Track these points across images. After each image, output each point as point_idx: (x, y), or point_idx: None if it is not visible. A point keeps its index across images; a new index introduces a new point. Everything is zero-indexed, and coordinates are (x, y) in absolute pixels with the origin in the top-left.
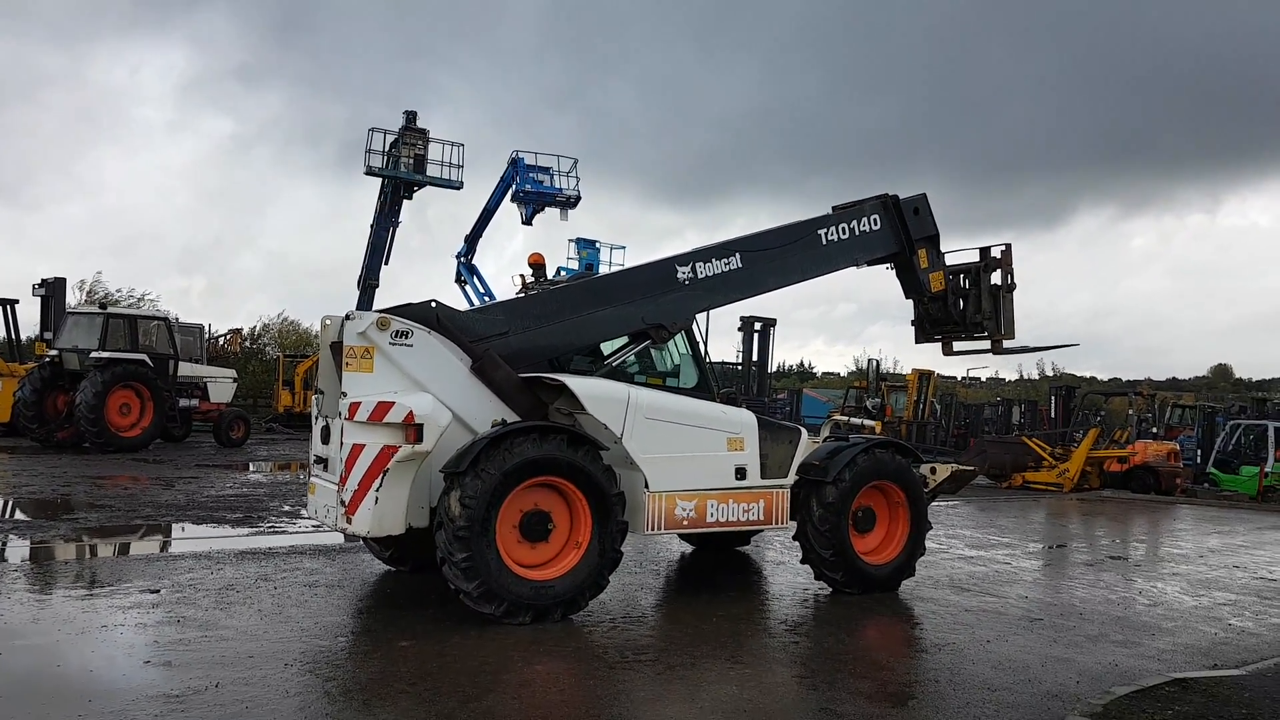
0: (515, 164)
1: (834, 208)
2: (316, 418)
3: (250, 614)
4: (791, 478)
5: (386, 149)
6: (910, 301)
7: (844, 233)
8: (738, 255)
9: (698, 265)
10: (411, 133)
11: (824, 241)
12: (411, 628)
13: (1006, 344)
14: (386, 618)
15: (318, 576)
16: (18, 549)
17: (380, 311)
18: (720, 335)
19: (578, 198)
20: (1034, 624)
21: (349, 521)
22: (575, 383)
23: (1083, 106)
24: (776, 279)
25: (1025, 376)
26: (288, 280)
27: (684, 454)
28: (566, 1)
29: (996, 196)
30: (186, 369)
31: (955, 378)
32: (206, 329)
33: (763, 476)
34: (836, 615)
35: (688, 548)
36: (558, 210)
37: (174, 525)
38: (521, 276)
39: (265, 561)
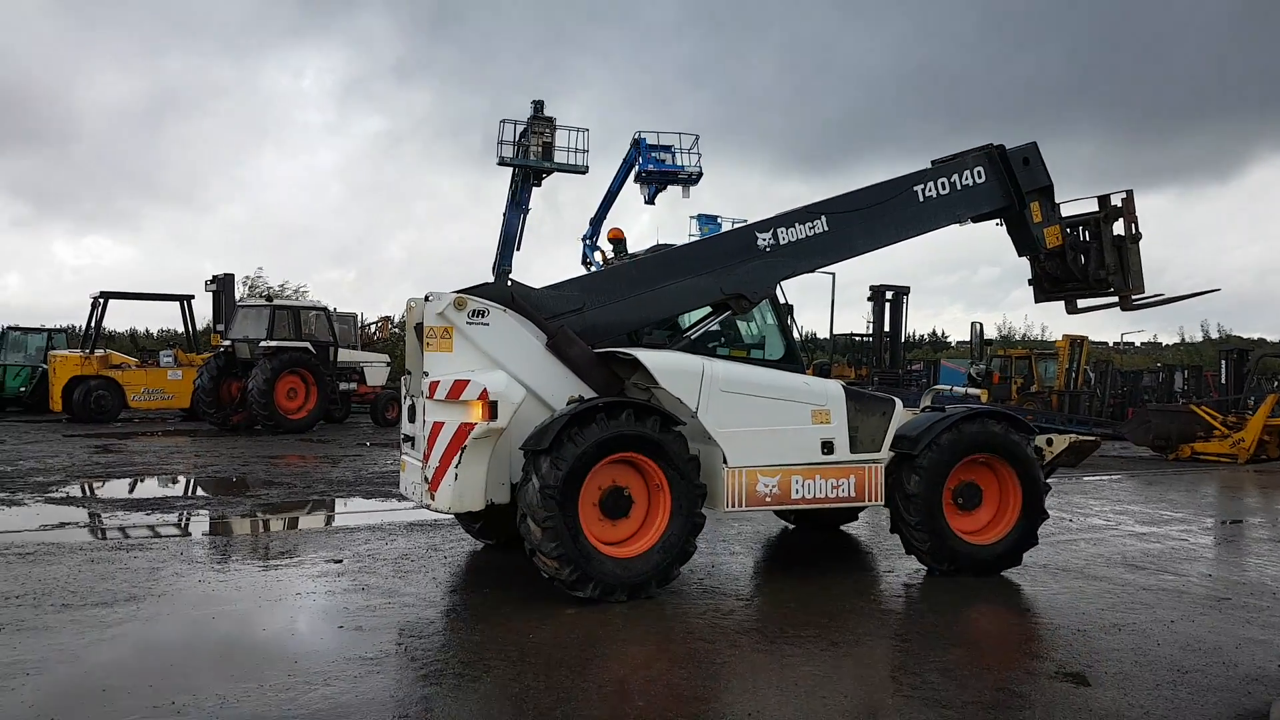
0: (638, 144)
1: (933, 161)
2: (405, 397)
3: (426, 581)
4: (885, 452)
5: (516, 139)
6: (1026, 260)
7: (944, 188)
8: (824, 218)
9: (779, 231)
10: (539, 121)
11: (921, 198)
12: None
13: (1136, 299)
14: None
15: (483, 544)
16: (212, 523)
17: (458, 292)
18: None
19: (699, 174)
20: (1221, 603)
21: (432, 498)
22: (647, 356)
23: (1261, 45)
24: (868, 241)
25: (1188, 339)
26: (430, 269)
27: (764, 428)
28: None
29: (1163, 146)
30: (345, 355)
31: (1108, 343)
32: (360, 317)
33: (852, 451)
34: (994, 593)
35: (783, 525)
36: (680, 188)
37: (346, 499)
38: (601, 251)
39: (433, 533)
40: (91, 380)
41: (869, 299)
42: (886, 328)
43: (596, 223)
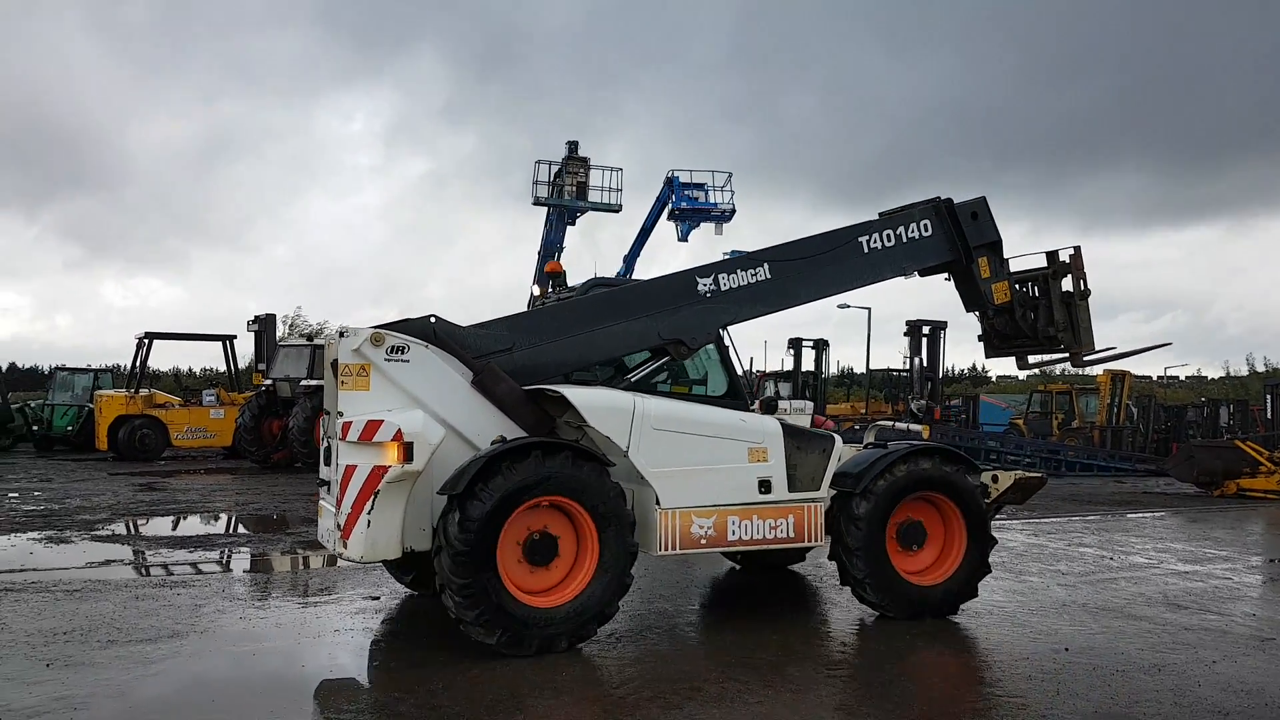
0: (670, 182)
1: (880, 213)
2: (324, 439)
3: None
4: (825, 490)
5: (551, 179)
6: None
7: (889, 240)
8: (766, 266)
9: (721, 276)
10: (574, 161)
11: (866, 249)
12: (627, 627)
13: (1085, 355)
14: (684, 613)
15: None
16: (252, 560)
17: (375, 327)
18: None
19: (732, 211)
20: (1266, 644)
21: (345, 546)
22: (574, 394)
23: None
24: (812, 290)
25: (1233, 373)
26: (466, 307)
27: (698, 467)
28: (758, 13)
29: (1211, 178)
30: None
31: (1151, 377)
32: None
33: (791, 490)
34: (1031, 632)
35: (729, 566)
36: (713, 225)
37: None
38: (538, 286)
39: None
40: (136, 419)
41: (905, 334)
42: (925, 362)
43: (631, 260)
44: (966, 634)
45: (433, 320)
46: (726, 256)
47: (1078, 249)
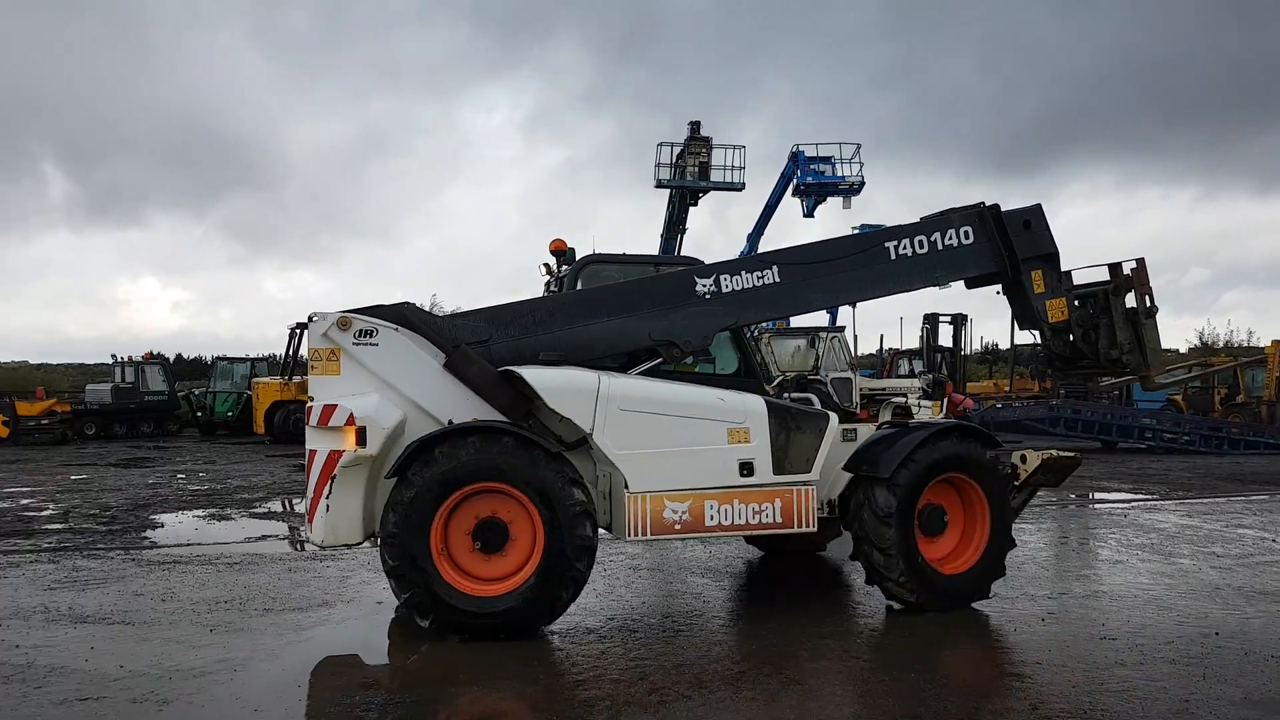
0: (795, 157)
1: (922, 219)
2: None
3: (586, 592)
4: (816, 473)
5: (673, 161)
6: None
7: (921, 246)
8: (775, 268)
9: (723, 278)
10: (696, 142)
11: (893, 255)
12: (724, 613)
13: (1159, 378)
14: (703, 601)
15: (638, 561)
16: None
17: (344, 311)
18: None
19: (861, 184)
20: None
21: (310, 530)
22: (532, 374)
23: None
24: (825, 297)
25: None
26: None
27: (671, 449)
28: None
29: None
30: None
31: None
32: None
33: (777, 472)
34: (1181, 616)
35: (755, 552)
36: (840, 199)
37: None
38: (545, 265)
39: None
40: (290, 404)
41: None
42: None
43: (755, 238)
44: (1105, 617)
45: (406, 307)
46: (855, 231)
47: (1141, 261)
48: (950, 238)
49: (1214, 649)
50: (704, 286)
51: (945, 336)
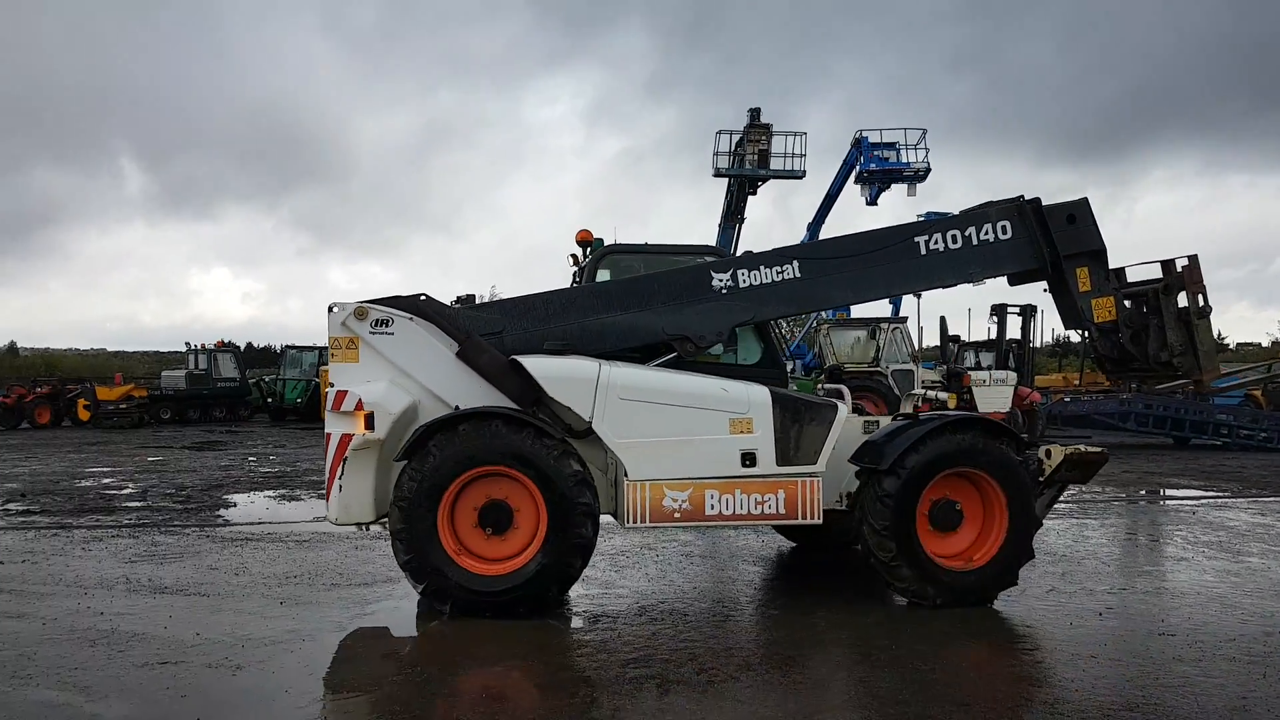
0: (859, 144)
1: (962, 212)
2: None
3: (639, 576)
4: (822, 465)
5: (732, 149)
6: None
7: (954, 241)
8: (795, 264)
9: (740, 273)
10: (755, 129)
11: (923, 250)
12: (776, 599)
13: (1210, 378)
14: (755, 588)
15: (691, 548)
16: None
17: (361, 302)
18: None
19: (927, 170)
20: None
21: (327, 508)
22: (533, 363)
23: None
24: (848, 293)
25: None
26: None
27: (671, 438)
28: None
29: None
30: None
31: None
32: None
33: (781, 463)
34: (1220, 616)
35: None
36: (905, 186)
37: None
38: (573, 256)
39: (647, 534)
40: None
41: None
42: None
43: (815, 227)
44: (1165, 614)
45: (422, 298)
46: (921, 219)
47: (1193, 258)
48: (986, 233)
49: (1277, 648)
50: (720, 281)
51: (1014, 328)
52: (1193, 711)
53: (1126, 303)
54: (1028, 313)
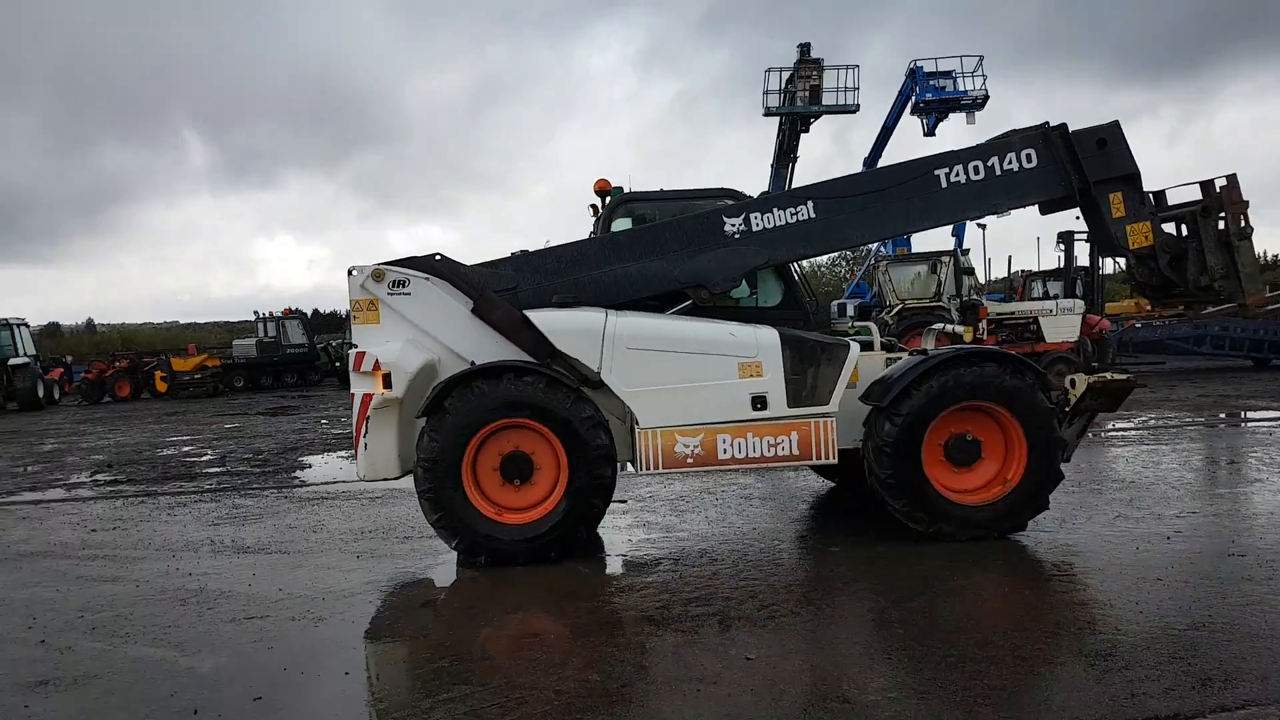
0: (914, 74)
1: (985, 142)
2: None
3: (699, 520)
4: (834, 405)
5: (783, 86)
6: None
7: (976, 172)
8: (810, 204)
9: (753, 216)
10: (806, 65)
11: (944, 184)
12: (835, 536)
13: (1255, 302)
14: (814, 527)
15: (751, 491)
16: None
17: (379, 264)
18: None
19: (985, 98)
20: None
21: (358, 466)
22: (540, 316)
23: None
24: (866, 231)
25: None
26: None
27: (680, 385)
28: None
29: None
30: None
31: None
32: None
33: (792, 405)
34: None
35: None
36: (964, 115)
37: None
38: (592, 206)
39: (706, 478)
40: None
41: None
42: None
43: (872, 162)
44: (1236, 535)
45: (437, 258)
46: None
47: (1232, 178)
48: (1010, 162)
49: None
50: (733, 226)
51: (1083, 255)
52: (1261, 628)
53: (1168, 227)
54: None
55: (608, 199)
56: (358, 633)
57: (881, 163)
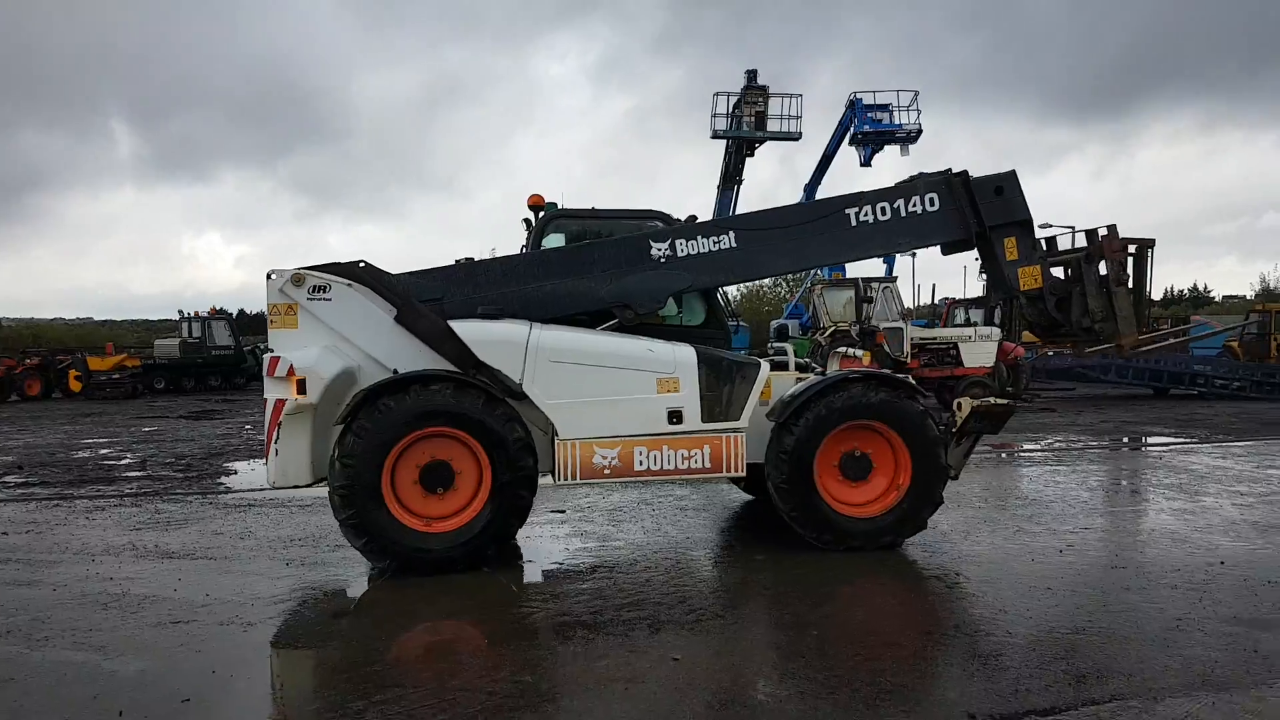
0: (853, 105)
1: (893, 184)
2: None
3: (635, 529)
4: (745, 421)
5: (730, 110)
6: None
7: (883, 213)
8: (731, 234)
9: (679, 242)
10: (752, 91)
11: (853, 222)
12: (762, 546)
13: (1131, 347)
14: (744, 537)
15: (686, 502)
16: None
17: (299, 268)
18: None
19: (919, 131)
20: None
21: (267, 472)
22: (464, 327)
23: None
24: (785, 261)
25: None
26: None
27: (599, 398)
28: None
29: None
30: None
31: None
32: None
33: (706, 420)
34: (1169, 550)
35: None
36: (898, 147)
37: None
38: (526, 220)
39: (644, 490)
40: None
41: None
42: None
43: (811, 189)
44: (1120, 549)
45: (360, 265)
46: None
47: (1112, 228)
48: (915, 205)
49: (1216, 576)
50: (659, 250)
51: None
52: (1132, 632)
53: (1057, 271)
54: None
55: (540, 214)
56: (288, 637)
57: (821, 190)
